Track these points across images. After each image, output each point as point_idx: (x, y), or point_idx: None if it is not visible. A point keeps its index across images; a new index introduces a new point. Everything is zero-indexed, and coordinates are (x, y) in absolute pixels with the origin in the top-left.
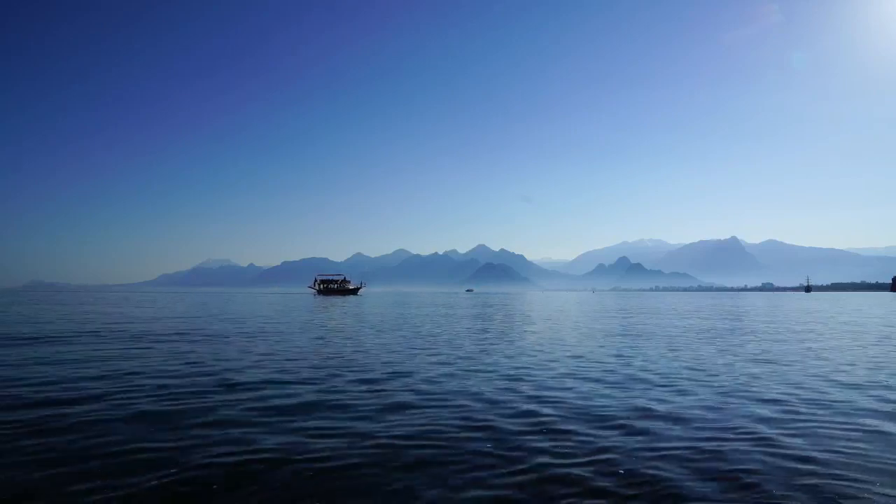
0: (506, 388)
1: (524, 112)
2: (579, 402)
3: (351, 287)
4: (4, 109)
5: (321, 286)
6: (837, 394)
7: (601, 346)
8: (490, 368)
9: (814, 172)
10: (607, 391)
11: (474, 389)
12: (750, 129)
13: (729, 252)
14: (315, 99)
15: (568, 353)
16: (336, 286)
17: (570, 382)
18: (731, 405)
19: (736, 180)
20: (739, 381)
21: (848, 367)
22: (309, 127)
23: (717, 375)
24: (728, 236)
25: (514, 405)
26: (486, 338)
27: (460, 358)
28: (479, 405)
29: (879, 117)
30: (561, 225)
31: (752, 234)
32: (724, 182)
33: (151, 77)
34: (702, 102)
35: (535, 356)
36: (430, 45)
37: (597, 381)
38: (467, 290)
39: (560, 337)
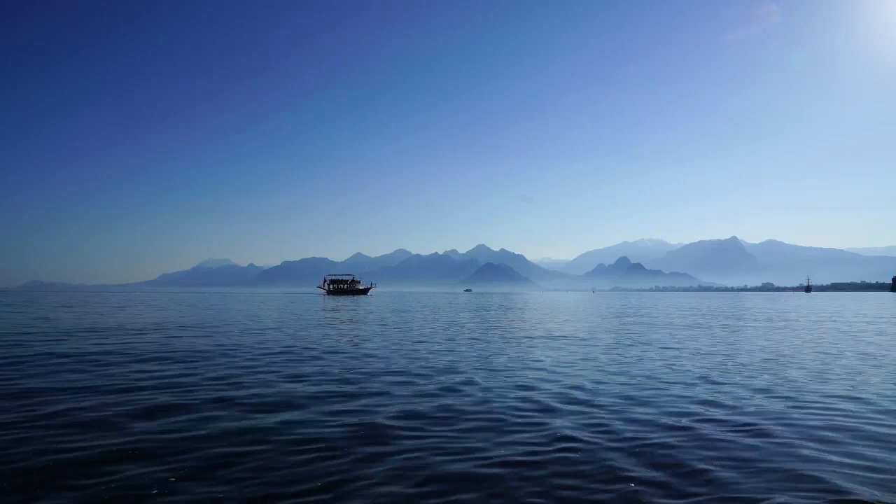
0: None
1: (524, 112)
2: None
3: (361, 287)
4: (4, 109)
5: (330, 286)
6: None
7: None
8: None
9: (814, 172)
10: None
11: None
12: (750, 129)
13: (729, 252)
14: (315, 99)
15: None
16: (346, 286)
17: None
18: None
19: (736, 180)
20: None
21: None
22: (309, 127)
23: None
24: (728, 236)
25: None
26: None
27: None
28: None
29: (880, 117)
30: (561, 225)
31: (752, 234)
32: (724, 182)
33: (151, 77)
34: (702, 102)
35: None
36: (431, 45)
37: None
38: (465, 291)
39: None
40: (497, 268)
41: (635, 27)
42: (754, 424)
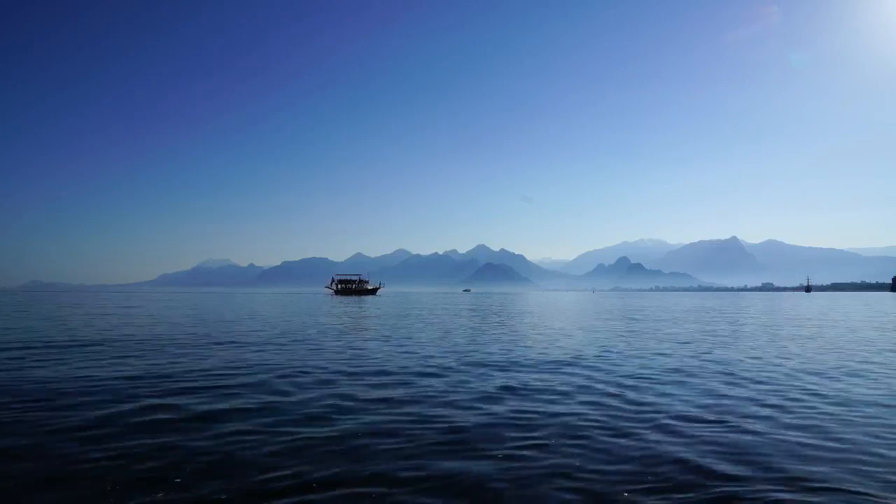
0: None
1: (524, 112)
2: None
3: (369, 287)
4: (4, 109)
5: (339, 286)
6: None
7: None
8: None
9: (814, 172)
10: None
11: None
12: (750, 129)
13: (729, 252)
14: (315, 99)
15: None
16: (354, 286)
17: None
18: None
19: (736, 180)
20: None
21: None
22: (309, 127)
23: None
24: (728, 236)
25: None
26: None
27: None
28: None
29: (880, 117)
30: (561, 225)
31: (752, 234)
32: (724, 182)
33: (151, 77)
34: (702, 102)
35: None
36: (431, 45)
37: None
38: (464, 291)
39: None
40: (497, 268)
41: (635, 27)
42: None
